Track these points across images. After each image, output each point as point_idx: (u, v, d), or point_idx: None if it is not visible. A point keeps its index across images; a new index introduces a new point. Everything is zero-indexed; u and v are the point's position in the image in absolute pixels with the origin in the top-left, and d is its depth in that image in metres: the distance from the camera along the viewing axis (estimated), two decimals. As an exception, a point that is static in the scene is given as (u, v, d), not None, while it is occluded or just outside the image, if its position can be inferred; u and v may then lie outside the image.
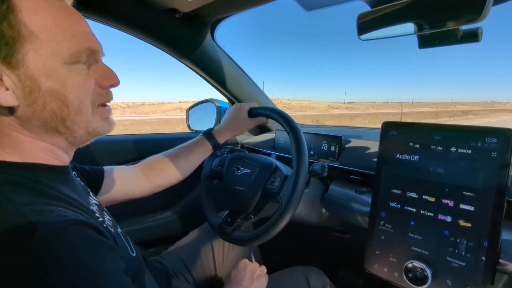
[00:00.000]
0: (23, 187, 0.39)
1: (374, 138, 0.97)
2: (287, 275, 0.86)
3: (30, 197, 0.38)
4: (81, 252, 0.35)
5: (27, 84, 0.40)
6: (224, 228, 0.83)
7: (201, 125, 1.37)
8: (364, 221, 0.82)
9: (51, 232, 0.34)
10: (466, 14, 0.53)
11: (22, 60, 0.39)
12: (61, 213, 0.37)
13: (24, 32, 0.39)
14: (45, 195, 0.40)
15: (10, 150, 0.42)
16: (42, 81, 0.41)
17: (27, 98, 0.41)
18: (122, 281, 0.38)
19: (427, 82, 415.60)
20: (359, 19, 0.69)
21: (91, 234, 0.38)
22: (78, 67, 0.44)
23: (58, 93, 0.42)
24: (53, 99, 0.42)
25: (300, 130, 0.77)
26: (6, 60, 0.38)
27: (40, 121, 0.43)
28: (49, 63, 0.41)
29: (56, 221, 0.35)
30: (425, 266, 0.64)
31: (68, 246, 0.34)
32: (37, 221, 0.34)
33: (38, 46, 0.40)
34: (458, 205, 0.62)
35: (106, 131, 0.51)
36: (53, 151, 0.47)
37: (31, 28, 0.39)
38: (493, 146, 0.59)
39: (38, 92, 0.41)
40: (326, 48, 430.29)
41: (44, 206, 0.37)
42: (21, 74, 0.39)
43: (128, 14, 0.93)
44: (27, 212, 0.34)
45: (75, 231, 0.36)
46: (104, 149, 1.12)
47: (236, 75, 1.31)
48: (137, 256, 0.56)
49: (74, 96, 0.44)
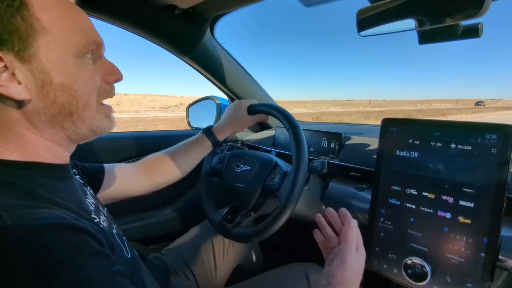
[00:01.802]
0: (14, 189, 0.39)
1: (373, 135, 0.97)
2: (287, 271, 0.86)
3: (17, 200, 0.37)
4: (56, 257, 0.33)
5: (39, 78, 0.41)
6: (224, 225, 0.83)
7: (201, 122, 1.37)
8: (364, 218, 0.82)
9: (24, 236, 0.33)
10: (466, 9, 0.53)
11: (35, 54, 0.40)
12: (44, 215, 0.36)
13: (36, 26, 0.39)
14: (36, 197, 0.39)
15: (12, 147, 0.42)
16: (54, 75, 0.41)
17: (39, 91, 0.41)
18: (110, 283, 0.37)
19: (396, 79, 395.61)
20: (358, 15, 0.69)
21: (72, 238, 0.36)
22: (85, 62, 0.45)
23: (69, 87, 0.43)
24: (63, 93, 0.43)
25: (300, 126, 0.77)
26: (19, 54, 0.39)
27: (48, 116, 0.43)
28: (60, 57, 0.42)
29: (33, 224, 0.34)
30: (425, 263, 0.64)
31: (41, 251, 0.33)
32: (11, 225, 0.33)
33: (50, 40, 0.40)
34: (457, 201, 0.62)
35: (108, 129, 0.51)
36: (54, 149, 0.47)
37: (43, 22, 0.40)
38: (493, 143, 0.59)
39: (50, 86, 0.42)
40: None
41: (28, 209, 0.36)
42: (34, 68, 0.40)
43: (127, 11, 0.93)
44: (5, 216, 0.33)
45: (53, 235, 0.34)
46: (104, 146, 1.12)
47: (236, 72, 1.30)
48: (132, 257, 0.55)
49: (84, 91, 0.45)
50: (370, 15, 0.67)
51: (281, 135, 1.21)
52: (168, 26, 1.02)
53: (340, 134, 1.00)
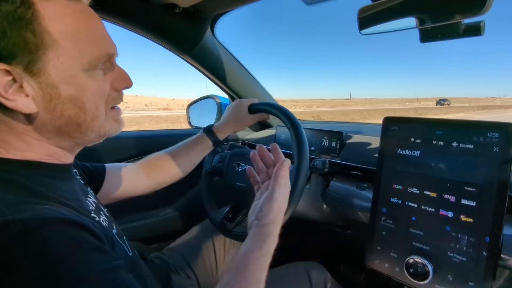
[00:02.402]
0: (14, 186, 0.39)
1: (375, 134, 0.97)
2: (289, 270, 0.86)
3: (18, 197, 0.37)
4: (60, 250, 0.33)
5: (47, 92, 0.40)
6: (225, 224, 0.83)
7: (201, 121, 1.37)
8: (365, 217, 0.82)
9: (26, 230, 0.33)
10: (468, 7, 0.53)
11: (44, 68, 0.39)
12: (45, 211, 0.36)
13: (47, 40, 0.38)
14: (36, 194, 0.39)
15: (14, 150, 0.42)
16: (62, 89, 0.40)
17: (47, 105, 0.40)
18: (113, 276, 0.37)
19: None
20: (360, 13, 0.68)
21: (73, 233, 0.36)
22: (96, 73, 0.44)
23: (77, 100, 0.42)
24: (71, 106, 0.42)
25: (301, 125, 0.77)
26: (28, 68, 0.38)
27: (55, 127, 0.43)
28: (70, 71, 0.41)
29: (35, 218, 0.34)
30: (426, 262, 0.64)
31: (43, 244, 0.33)
32: (12, 219, 0.33)
33: (60, 53, 0.39)
34: (459, 200, 0.62)
35: (117, 131, 0.51)
36: (57, 153, 0.47)
37: (54, 35, 0.38)
38: (495, 141, 0.59)
39: (58, 99, 0.41)
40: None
41: (29, 205, 0.36)
42: (42, 81, 0.39)
43: (127, 10, 0.93)
44: (6, 211, 0.34)
45: (54, 229, 0.35)
46: (105, 146, 1.11)
47: (237, 71, 1.30)
48: (133, 255, 0.55)
49: (92, 103, 0.44)
50: (371, 14, 0.67)
51: (282, 134, 1.21)
52: (168, 25, 1.02)
53: (341, 133, 1.00)
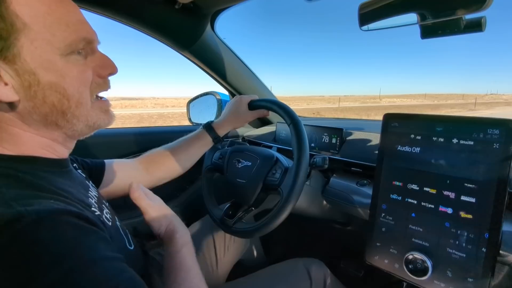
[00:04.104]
0: (17, 181, 0.39)
1: (375, 130, 0.97)
2: (288, 266, 0.86)
3: (22, 191, 0.37)
4: (71, 239, 0.34)
5: (25, 78, 0.39)
6: (225, 221, 0.83)
7: (202, 117, 1.37)
8: (365, 213, 0.82)
9: (37, 220, 0.33)
10: (470, 3, 0.52)
11: (18, 53, 0.38)
12: (51, 204, 0.37)
13: (18, 24, 0.37)
14: (39, 188, 0.40)
15: (8, 145, 0.42)
16: (40, 74, 0.40)
17: (27, 92, 0.40)
18: (119, 265, 0.38)
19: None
20: (360, 9, 0.68)
21: (80, 223, 0.37)
22: (74, 57, 0.43)
23: (58, 86, 0.42)
24: (52, 92, 0.42)
25: (301, 121, 0.77)
26: (2, 54, 0.37)
27: (40, 115, 0.42)
28: (46, 55, 0.40)
29: (43, 209, 0.35)
30: (426, 258, 0.64)
31: (55, 233, 0.34)
32: (24, 210, 0.33)
33: (33, 37, 0.39)
34: (459, 197, 0.62)
35: (107, 124, 0.50)
36: (51, 146, 0.46)
37: (24, 19, 0.38)
38: (496, 138, 0.59)
39: (37, 86, 0.40)
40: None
41: (35, 199, 0.36)
42: (18, 68, 0.39)
43: (127, 5, 0.92)
44: (15, 204, 0.34)
45: (63, 219, 0.36)
46: (104, 142, 1.12)
47: (237, 67, 1.30)
48: (134, 249, 0.55)
49: (74, 89, 0.43)
50: (372, 9, 0.67)
51: (282, 130, 1.20)
52: (168, 20, 1.01)
53: (341, 129, 1.00)
